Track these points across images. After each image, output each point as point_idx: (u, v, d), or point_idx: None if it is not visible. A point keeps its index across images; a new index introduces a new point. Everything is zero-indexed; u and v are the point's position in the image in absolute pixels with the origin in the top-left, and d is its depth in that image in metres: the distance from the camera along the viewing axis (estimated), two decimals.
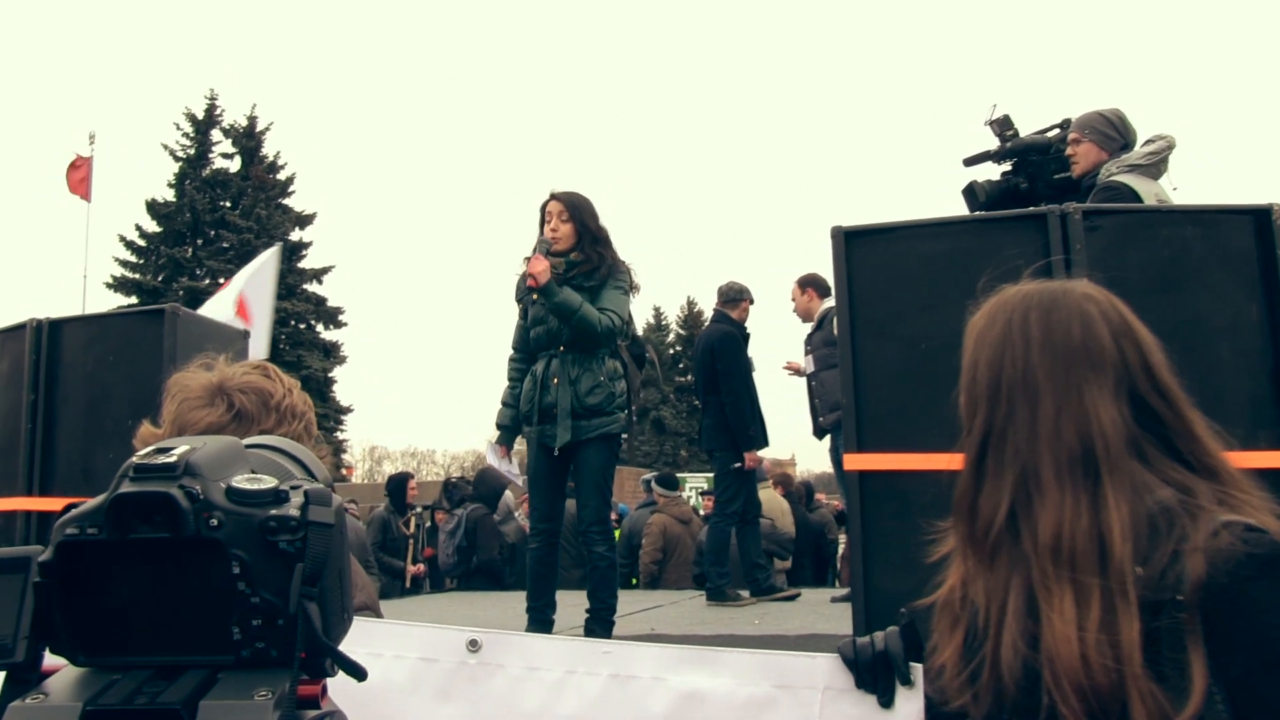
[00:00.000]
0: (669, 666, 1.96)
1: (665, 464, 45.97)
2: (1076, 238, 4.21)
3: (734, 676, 1.95)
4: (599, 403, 6.01)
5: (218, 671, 0.96)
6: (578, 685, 1.93)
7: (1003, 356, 1.88)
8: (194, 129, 45.05)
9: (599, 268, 6.09)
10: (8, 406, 6.51)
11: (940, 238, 4.56)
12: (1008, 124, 6.10)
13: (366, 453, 67.72)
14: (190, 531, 0.92)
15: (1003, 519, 1.81)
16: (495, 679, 1.94)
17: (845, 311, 4.62)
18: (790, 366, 9.41)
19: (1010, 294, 1.96)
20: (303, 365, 42.36)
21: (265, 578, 0.94)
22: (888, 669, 1.90)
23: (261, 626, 0.95)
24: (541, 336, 6.15)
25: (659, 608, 8.93)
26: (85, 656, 0.97)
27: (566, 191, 6.22)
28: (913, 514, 4.32)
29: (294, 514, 0.95)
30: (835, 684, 1.91)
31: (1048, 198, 5.48)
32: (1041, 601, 1.73)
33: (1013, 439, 1.83)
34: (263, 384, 2.43)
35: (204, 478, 0.95)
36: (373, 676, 1.93)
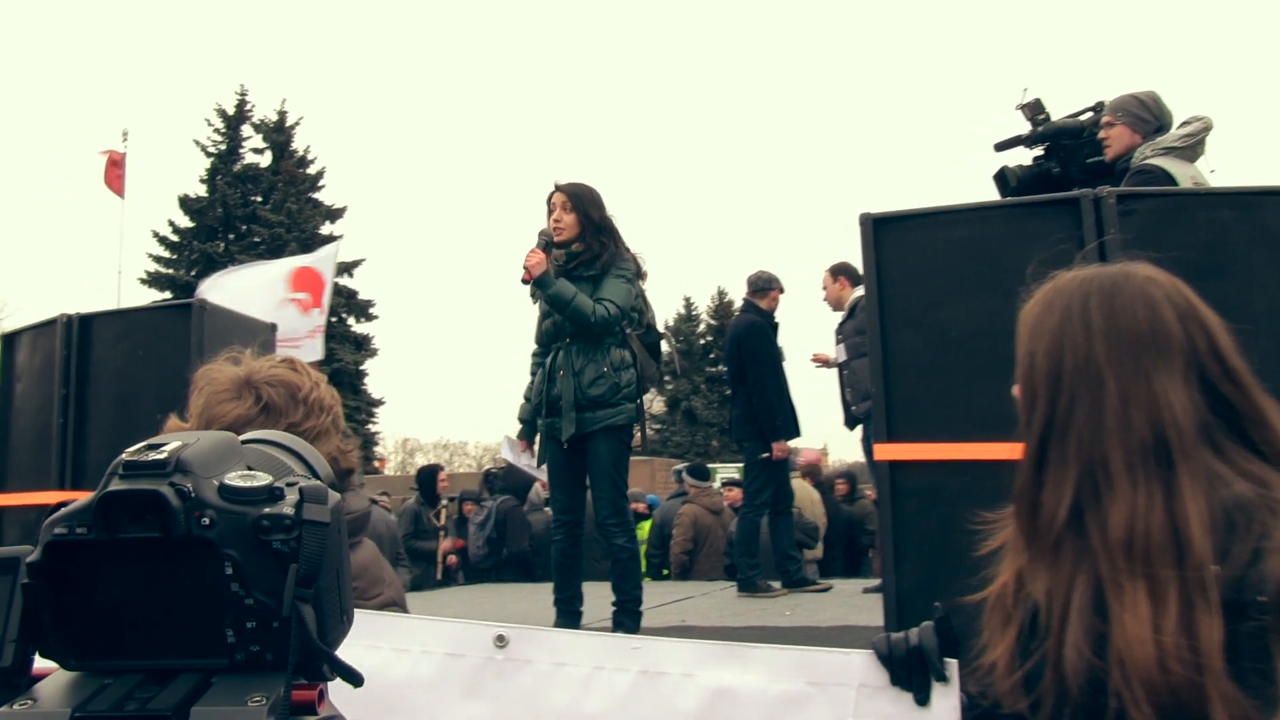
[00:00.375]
0: (700, 662, 1.91)
1: (697, 454, 46.02)
2: (1110, 222, 4.13)
3: (766, 673, 1.89)
4: (602, 394, 5.97)
5: (211, 675, 0.92)
6: (606, 681, 1.90)
7: (1062, 344, 1.82)
8: (225, 125, 45.27)
9: (599, 256, 6.05)
10: (40, 401, 6.57)
11: (970, 224, 4.50)
12: (1039, 108, 6.01)
13: (399, 445, 68.06)
14: (181, 531, 0.89)
15: (1067, 513, 1.75)
16: (522, 675, 1.91)
17: (874, 299, 4.56)
18: (818, 358, 9.31)
19: (1067, 279, 1.90)
20: (334, 358, 42.47)
21: (259, 578, 0.91)
22: (922, 665, 1.83)
23: (256, 629, 0.92)
24: (550, 329, 6.15)
25: (690, 599, 8.90)
26: (75, 660, 0.93)
27: (570, 182, 6.21)
28: (943, 504, 4.27)
29: (288, 512, 0.92)
30: (870, 681, 1.85)
31: (1081, 182, 5.38)
32: (1111, 599, 1.66)
33: (1076, 430, 1.77)
34: (290, 377, 2.43)
35: (196, 475, 0.91)
36: (399, 672, 1.93)
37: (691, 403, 54.08)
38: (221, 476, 0.93)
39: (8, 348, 7.24)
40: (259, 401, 2.35)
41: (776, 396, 8.76)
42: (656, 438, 55.50)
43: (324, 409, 2.43)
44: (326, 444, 2.41)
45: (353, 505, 2.48)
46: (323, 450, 2.38)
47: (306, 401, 2.40)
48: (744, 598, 8.66)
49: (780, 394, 8.79)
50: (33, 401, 6.71)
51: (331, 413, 2.45)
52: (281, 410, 2.36)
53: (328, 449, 2.40)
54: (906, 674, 1.83)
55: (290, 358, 2.53)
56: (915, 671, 1.83)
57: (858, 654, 1.88)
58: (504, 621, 1.95)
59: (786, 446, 8.78)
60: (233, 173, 44.68)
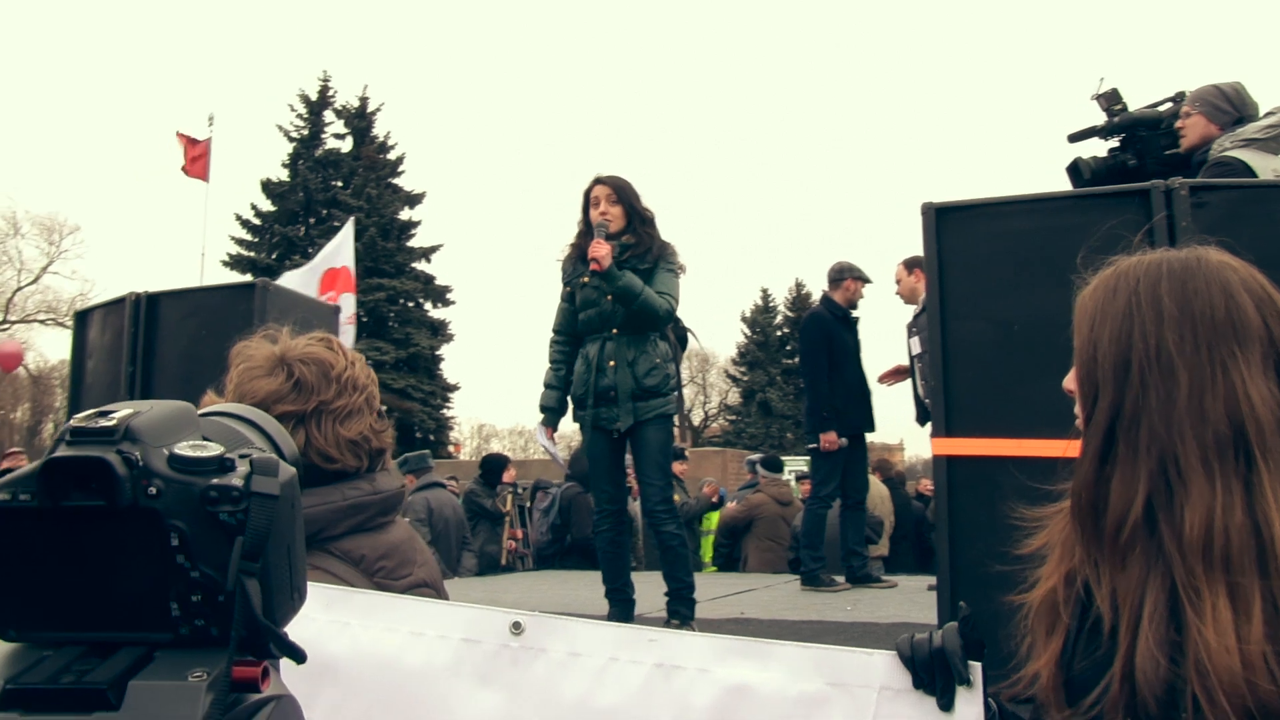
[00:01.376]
0: (716, 657, 1.84)
1: (771, 446, 45.93)
2: (1182, 214, 4.01)
3: (785, 671, 1.80)
4: (657, 384, 5.97)
5: (155, 650, 0.89)
6: (620, 674, 1.84)
7: (1131, 331, 1.69)
8: (307, 110, 45.99)
9: (650, 249, 6.03)
10: (109, 378, 6.68)
11: (1035, 214, 4.40)
12: (1116, 98, 5.85)
13: (475, 430, 68.60)
14: (127, 500, 0.85)
15: (1139, 513, 1.62)
16: (536, 663, 1.86)
17: (935, 291, 4.48)
18: (885, 379, 9.08)
19: (1132, 263, 1.77)
20: (411, 343, 43.02)
21: (206, 551, 0.87)
22: (946, 668, 1.73)
23: (201, 603, 0.88)
24: (593, 319, 6.09)
25: (750, 591, 8.87)
26: (15, 631, 0.90)
27: (611, 175, 6.19)
28: (1003, 500, 4.16)
29: (237, 484, 0.88)
30: (892, 683, 1.76)
31: (1157, 175, 5.22)
32: (1188, 607, 1.54)
33: (1147, 423, 1.64)
34: (324, 355, 2.42)
35: (144, 443, 0.88)
36: (415, 656, 1.90)
37: (767, 394, 53.93)
38: (172, 446, 0.90)
39: (80, 325, 7.38)
40: (290, 377, 2.36)
41: (829, 389, 8.69)
42: (731, 429, 55.47)
43: (357, 387, 2.42)
44: (359, 423, 2.40)
45: (383, 485, 2.46)
46: (355, 429, 2.39)
47: (339, 379, 2.39)
48: (806, 591, 8.60)
49: (839, 387, 8.72)
50: (102, 379, 6.83)
51: (365, 392, 2.44)
52: (313, 387, 2.36)
53: (360, 428, 2.40)
54: (929, 677, 1.74)
55: (327, 335, 2.52)
56: (938, 674, 1.73)
57: (880, 655, 1.79)
58: (562, 609, 1.91)
59: (833, 439, 8.64)
60: (314, 157, 45.38)
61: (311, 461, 2.31)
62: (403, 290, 44.04)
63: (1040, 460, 4.09)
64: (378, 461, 2.49)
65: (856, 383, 8.85)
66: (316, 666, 1.84)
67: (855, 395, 8.81)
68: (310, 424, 2.34)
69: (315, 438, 2.34)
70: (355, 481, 2.40)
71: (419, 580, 2.50)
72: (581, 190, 6.20)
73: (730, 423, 57.29)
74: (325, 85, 46.37)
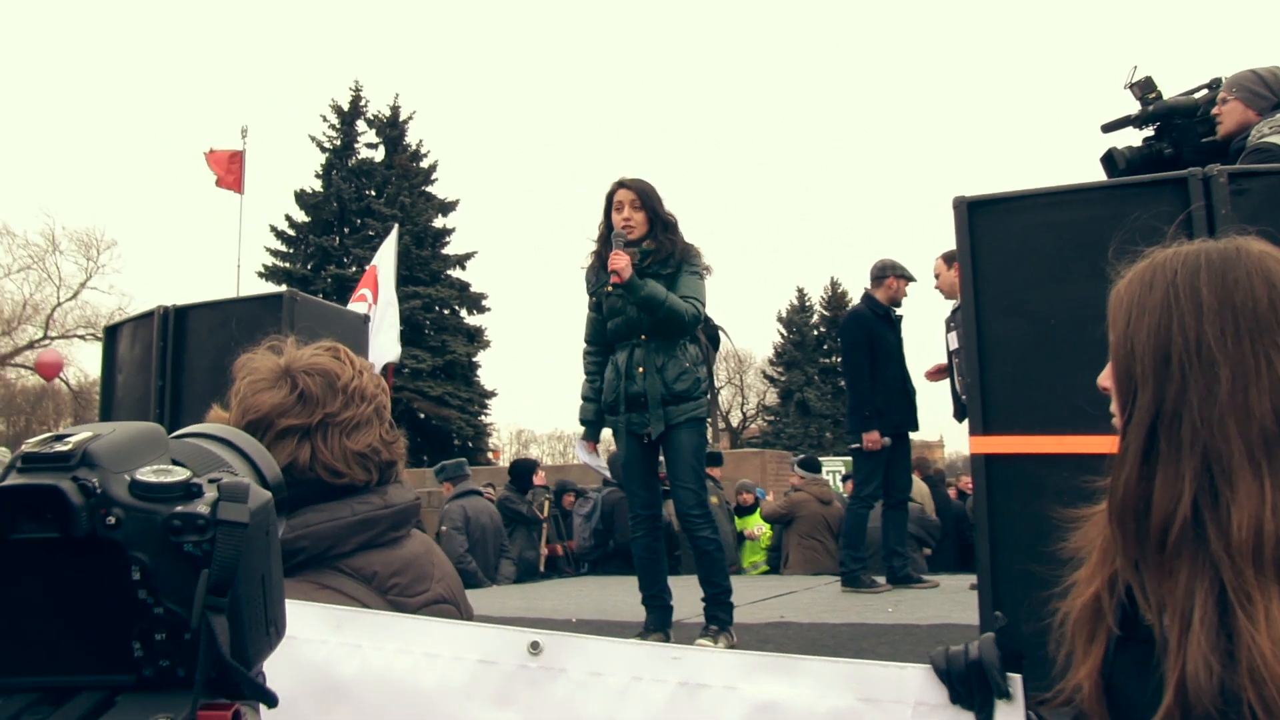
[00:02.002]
0: (743, 674, 1.77)
1: (810, 446, 45.87)
2: (1221, 202, 3.89)
3: (814, 687, 1.74)
4: (687, 388, 5.90)
5: (116, 693, 0.82)
6: (643, 693, 1.78)
7: (1170, 324, 1.63)
8: (340, 120, 46.22)
9: (672, 254, 5.95)
10: (139, 392, 6.68)
11: (1070, 206, 4.29)
12: (1150, 86, 5.73)
13: (513, 436, 68.74)
14: (83, 531, 0.78)
15: (1185, 515, 1.56)
16: (556, 684, 1.81)
17: (969, 286, 4.38)
18: (931, 376, 8.98)
19: (1168, 255, 1.71)
20: (447, 350, 43.11)
21: (169, 585, 0.80)
22: (984, 681, 1.66)
23: (166, 641, 0.81)
24: (620, 326, 6.02)
25: (791, 594, 8.82)
26: None
27: (634, 179, 6.10)
28: (1042, 499, 4.07)
29: (202, 511, 0.81)
30: (927, 698, 1.69)
31: (1194, 163, 5.08)
32: (1239, 612, 1.48)
33: (1189, 420, 1.58)
34: (330, 365, 2.36)
35: (103, 469, 0.81)
36: (430, 679, 1.83)
37: (805, 394, 53.76)
38: (134, 471, 0.83)
39: (110, 339, 7.40)
40: (295, 389, 2.29)
41: (870, 388, 8.63)
42: (769, 429, 55.31)
43: (365, 398, 2.35)
44: (368, 435, 2.33)
45: (395, 499, 2.39)
46: (364, 440, 2.32)
47: (346, 390, 2.32)
48: (847, 593, 8.53)
49: (881, 385, 8.64)
50: (133, 393, 6.83)
51: (374, 402, 2.37)
52: (318, 399, 2.29)
53: (369, 440, 2.33)
54: (967, 690, 1.66)
55: (335, 345, 2.45)
56: (976, 688, 1.66)
57: (914, 668, 1.72)
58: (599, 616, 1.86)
59: (876, 438, 8.56)
60: (347, 167, 45.61)
61: (318, 476, 2.25)
62: (438, 298, 44.17)
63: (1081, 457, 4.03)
64: (389, 474, 2.42)
65: (898, 381, 8.77)
66: (327, 690, 1.79)
67: (897, 394, 8.74)
68: (316, 437, 2.27)
69: (321, 451, 2.27)
70: (365, 496, 2.33)
71: (436, 596, 2.43)
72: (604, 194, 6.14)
73: (769, 423, 57.15)
74: (357, 95, 46.61)
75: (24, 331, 45.76)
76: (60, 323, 45.97)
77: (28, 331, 45.80)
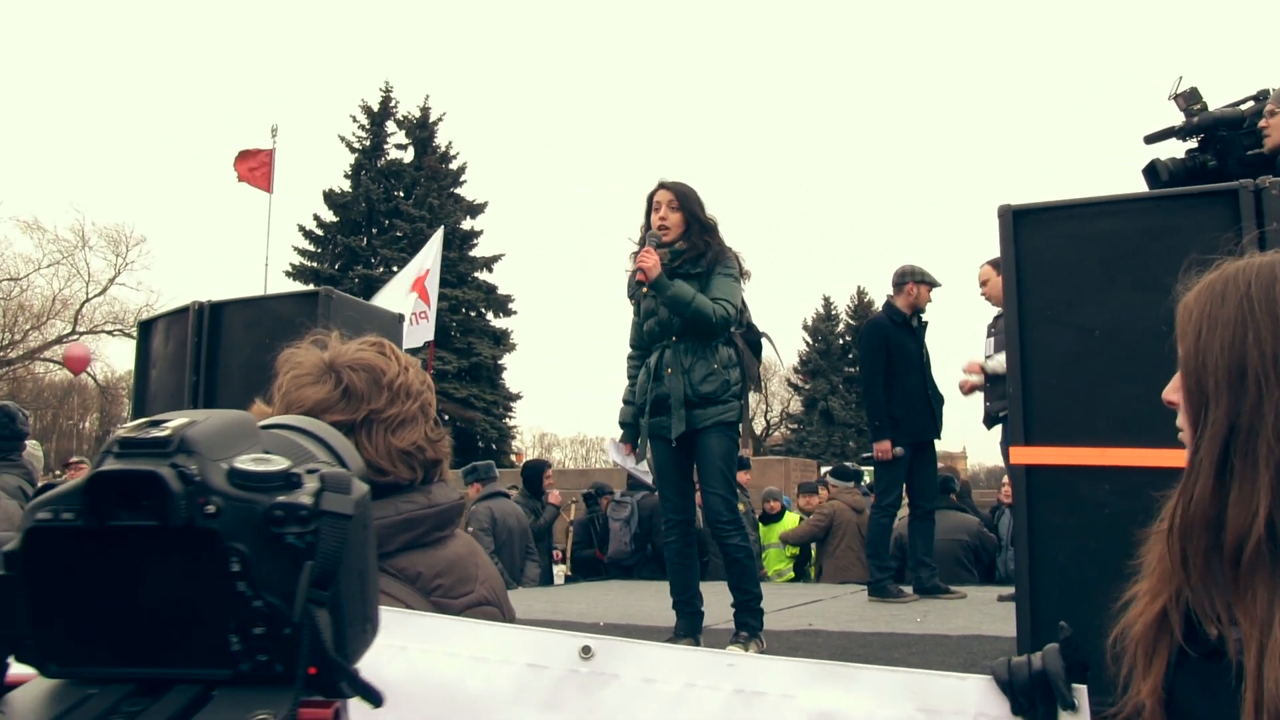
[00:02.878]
0: (800, 683, 1.73)
1: (834, 455, 45.68)
2: (1273, 215, 3.84)
3: (873, 697, 1.70)
4: (714, 391, 5.85)
5: (212, 688, 0.80)
6: (697, 700, 1.73)
7: (1245, 337, 1.59)
8: (369, 121, 46.37)
9: (704, 254, 5.93)
10: (173, 388, 6.69)
11: (1117, 216, 4.26)
12: (1195, 97, 5.66)
13: (536, 439, 68.75)
14: (181, 519, 0.76)
15: (1261, 532, 1.51)
16: (608, 690, 1.76)
17: (1013, 296, 4.35)
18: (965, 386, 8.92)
19: (1240, 266, 1.66)
20: (473, 352, 43.17)
21: (269, 577, 0.77)
22: (1047, 693, 1.61)
23: (264, 636, 0.79)
24: (654, 329, 6.01)
25: (819, 602, 8.78)
26: (57, 666, 0.81)
27: (675, 181, 6.11)
28: (1083, 511, 4.06)
29: (305, 501, 0.78)
30: (988, 709, 1.65)
31: (1238, 176, 5.02)
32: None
33: (1265, 436, 1.54)
34: (375, 361, 2.34)
35: (202, 456, 0.78)
36: (476, 682, 1.79)
37: (829, 403, 53.62)
38: (231, 460, 0.80)
39: (144, 335, 7.42)
40: (339, 384, 2.27)
41: (885, 397, 8.61)
42: (793, 437, 55.18)
43: (410, 395, 2.32)
44: (412, 432, 2.31)
45: (440, 498, 2.37)
46: (407, 439, 2.30)
47: (391, 387, 2.29)
48: (874, 602, 8.49)
49: (900, 394, 8.63)
50: (167, 388, 6.85)
51: (419, 399, 2.34)
52: (363, 395, 2.27)
53: (413, 437, 2.31)
54: (1029, 702, 1.61)
55: (380, 340, 2.43)
56: (1040, 700, 1.61)
57: (974, 679, 1.68)
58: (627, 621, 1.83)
59: (887, 448, 8.54)
60: (376, 168, 45.72)
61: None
62: (465, 300, 44.20)
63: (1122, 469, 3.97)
64: (434, 473, 2.39)
65: (918, 390, 8.71)
66: None
67: (917, 403, 8.68)
68: (360, 434, 2.25)
69: (365, 448, 2.24)
70: (409, 495, 2.31)
71: (480, 598, 2.40)
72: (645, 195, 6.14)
73: (792, 431, 57.00)
74: (387, 96, 46.76)
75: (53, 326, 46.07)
76: (89, 318, 46.25)
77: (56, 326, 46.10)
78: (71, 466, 14.41)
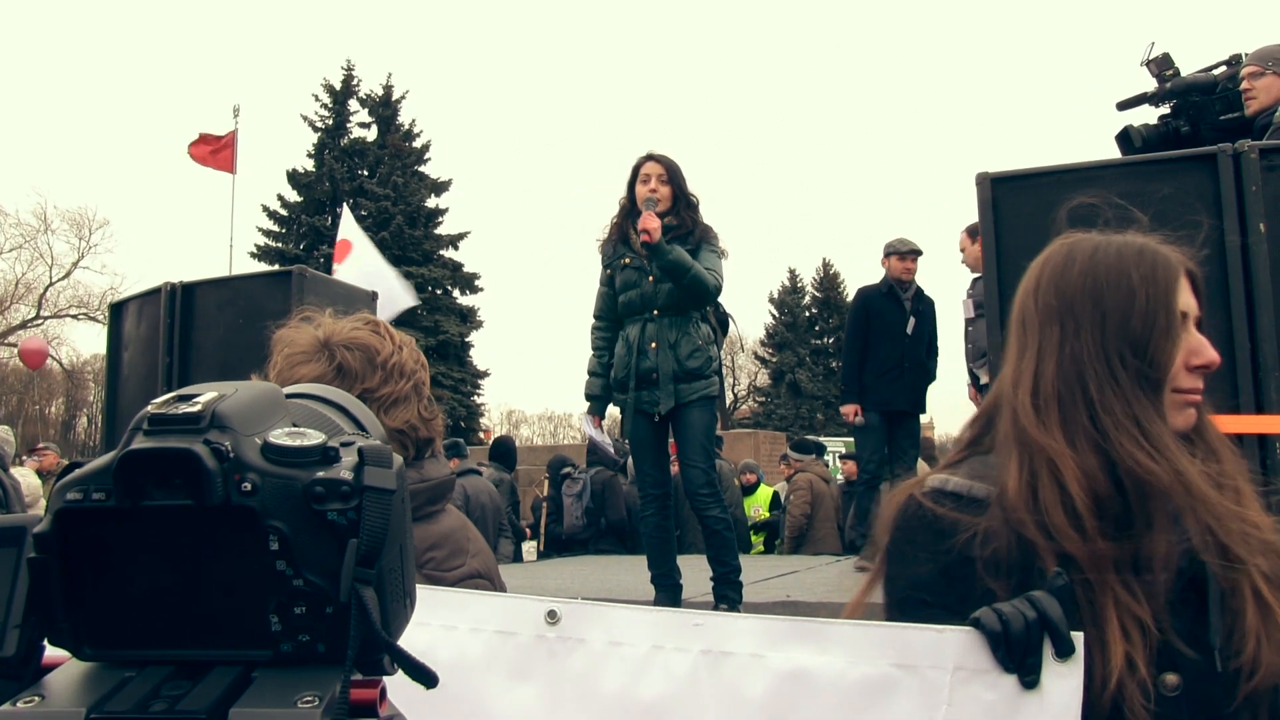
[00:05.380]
0: (770, 642, 1.66)
1: (802, 427, 45.86)
2: (1252, 179, 3.86)
3: (845, 654, 1.61)
4: (699, 366, 5.91)
5: (253, 669, 0.78)
6: (664, 663, 1.68)
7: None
8: (332, 100, 46.00)
9: (692, 232, 5.99)
10: (145, 369, 6.63)
11: (1097, 183, 4.23)
12: (1167, 63, 5.68)
13: (504, 416, 68.68)
14: (218, 498, 0.73)
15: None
16: (574, 655, 1.72)
17: (993, 264, 4.35)
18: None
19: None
20: (440, 330, 43.02)
21: (310, 556, 0.75)
22: (1036, 644, 1.55)
23: (306, 615, 0.77)
24: (634, 300, 6.03)
25: (794, 573, 8.78)
26: (92, 649, 0.79)
27: (663, 154, 6.14)
28: None
29: (346, 477, 0.76)
30: (967, 663, 1.57)
31: (1212, 141, 5.03)
32: None
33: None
34: (370, 340, 2.31)
35: (235, 431, 0.76)
36: (447, 652, 1.73)
37: (796, 375, 53.71)
38: (265, 434, 0.78)
39: (115, 317, 7.33)
40: (333, 363, 2.25)
41: (858, 365, 8.77)
42: (761, 410, 55.31)
43: (404, 374, 2.31)
44: (406, 411, 2.30)
45: (432, 473, 2.36)
46: (401, 418, 2.28)
47: (385, 366, 2.28)
48: (857, 573, 8.52)
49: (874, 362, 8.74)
50: (139, 370, 6.79)
51: (413, 378, 2.33)
52: (357, 374, 2.25)
53: (407, 416, 2.30)
54: (1022, 651, 1.55)
55: (375, 319, 2.41)
56: (1030, 650, 1.55)
57: (953, 631, 1.60)
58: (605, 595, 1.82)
59: (849, 411, 8.74)
60: (340, 147, 45.37)
61: None
62: (431, 278, 44.00)
63: None
64: (426, 449, 2.39)
65: (893, 360, 8.73)
66: None
67: (890, 373, 8.72)
68: None
69: None
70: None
71: (472, 571, 2.40)
72: (630, 165, 6.14)
73: (760, 404, 57.12)
74: (349, 74, 46.37)
75: (16, 311, 45.70)
76: (53, 302, 45.93)
77: (20, 311, 45.72)
78: (37, 453, 14.25)
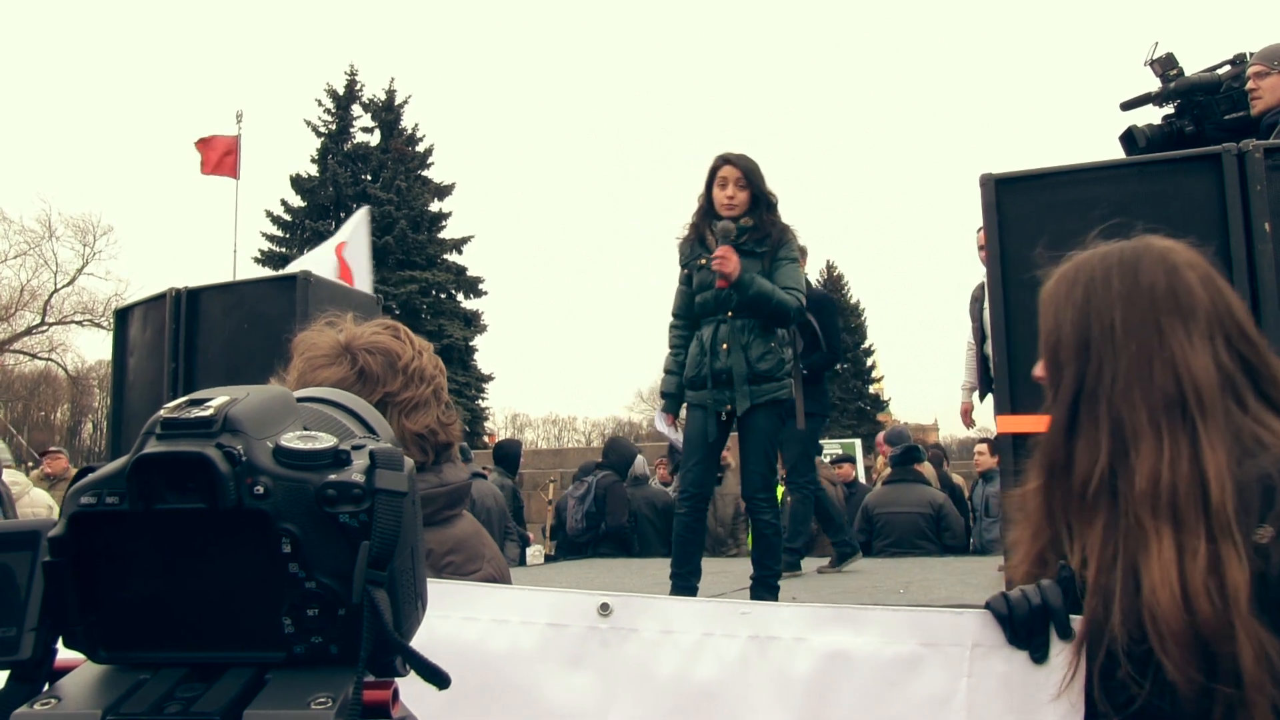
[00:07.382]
0: (811, 626, 1.88)
1: None
2: (1256, 178, 3.85)
3: (879, 635, 1.86)
4: (770, 368, 5.87)
5: (266, 671, 0.79)
6: (715, 648, 1.86)
7: (1088, 315, 1.93)
8: (335, 105, 45.97)
9: (769, 234, 5.92)
10: (151, 375, 6.65)
11: (1101, 183, 4.25)
12: (1171, 63, 5.67)
13: (509, 420, 68.70)
14: (230, 501, 0.74)
15: (1101, 473, 1.83)
16: (628, 644, 1.87)
17: (997, 265, 4.35)
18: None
19: (1085, 257, 2.03)
20: (444, 334, 43.00)
21: (322, 558, 0.76)
22: (1044, 624, 1.81)
23: (318, 617, 0.77)
24: (709, 301, 5.98)
25: (798, 577, 8.78)
26: (107, 652, 0.80)
27: (740, 155, 6.03)
28: None
29: (358, 480, 0.77)
30: (984, 641, 1.83)
31: (1216, 141, 5.03)
32: (1139, 551, 1.74)
33: (1104, 394, 1.86)
34: (391, 344, 2.34)
35: (247, 435, 0.77)
36: (499, 644, 1.84)
37: None
38: (277, 437, 0.79)
39: (120, 322, 7.34)
40: (355, 366, 2.27)
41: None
42: None
43: (424, 379, 2.33)
44: (426, 416, 2.32)
45: (450, 477, 2.38)
46: (421, 423, 2.29)
47: (406, 370, 2.30)
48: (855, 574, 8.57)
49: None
50: (145, 375, 6.80)
51: (433, 383, 2.36)
52: (379, 378, 2.27)
53: (427, 421, 2.32)
54: (1028, 632, 1.81)
55: (395, 324, 2.44)
56: (1037, 630, 1.81)
57: (971, 614, 1.86)
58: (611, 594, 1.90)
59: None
60: (343, 152, 45.34)
61: None
62: (434, 282, 44.01)
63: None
64: (444, 454, 2.40)
65: None
66: None
67: None
68: None
69: None
70: (421, 474, 2.30)
71: (488, 575, 2.42)
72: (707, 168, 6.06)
73: None
74: (352, 79, 46.36)
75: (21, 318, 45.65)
76: (57, 308, 45.88)
77: (25, 318, 45.69)
78: (48, 455, 14.26)
